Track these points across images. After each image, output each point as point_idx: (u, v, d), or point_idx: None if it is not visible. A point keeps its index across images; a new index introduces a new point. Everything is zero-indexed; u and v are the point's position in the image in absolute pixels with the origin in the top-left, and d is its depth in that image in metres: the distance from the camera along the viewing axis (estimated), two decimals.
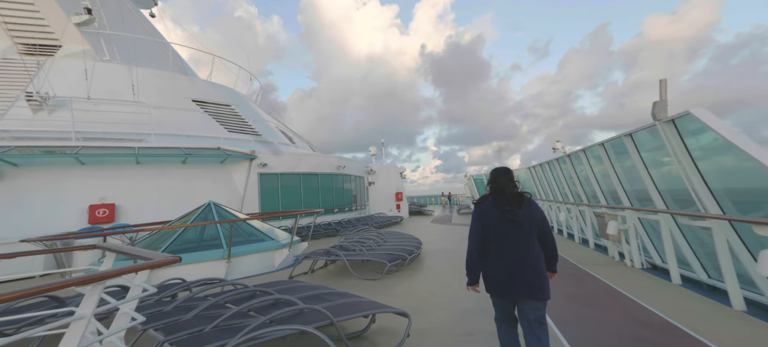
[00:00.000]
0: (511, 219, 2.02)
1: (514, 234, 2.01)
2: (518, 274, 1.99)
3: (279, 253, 5.65)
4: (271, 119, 15.85)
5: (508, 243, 2.02)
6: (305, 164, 12.19)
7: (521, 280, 1.98)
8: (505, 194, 2.09)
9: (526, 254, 2.00)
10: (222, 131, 10.80)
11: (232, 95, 12.60)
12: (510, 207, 2.04)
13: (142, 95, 8.86)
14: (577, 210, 8.00)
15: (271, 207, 10.68)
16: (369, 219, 13.96)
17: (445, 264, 6.22)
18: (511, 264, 2.01)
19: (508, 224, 2.03)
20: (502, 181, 2.12)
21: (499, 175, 2.16)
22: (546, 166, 9.74)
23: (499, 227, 2.05)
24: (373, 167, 18.54)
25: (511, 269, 2.01)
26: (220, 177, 9.51)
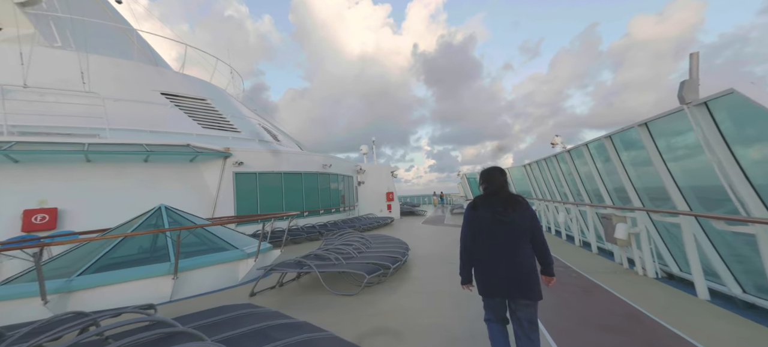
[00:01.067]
0: (501, 220, 2.02)
1: (505, 235, 2.02)
2: (510, 275, 1.99)
3: (244, 264, 4.89)
4: (254, 116, 14.97)
5: (499, 244, 2.02)
6: (287, 162, 11.38)
7: (513, 280, 1.99)
8: (500, 195, 2.08)
9: (518, 255, 2.00)
10: (195, 127, 9.93)
11: (208, 89, 11.71)
12: (501, 208, 2.03)
13: (98, 85, 7.96)
14: (578, 211, 7.40)
15: (249, 210, 9.85)
16: (357, 221, 13.22)
17: (434, 272, 5.53)
18: (503, 265, 2.01)
19: (499, 226, 2.03)
20: (499, 182, 2.12)
21: (494, 175, 2.14)
22: (543, 163, 9.14)
23: (491, 229, 2.05)
24: (362, 166, 17.80)
25: (503, 270, 2.01)
26: (190, 177, 8.66)
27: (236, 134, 11.34)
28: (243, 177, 9.76)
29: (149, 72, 9.73)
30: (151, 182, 7.77)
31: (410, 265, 6.14)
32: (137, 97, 8.96)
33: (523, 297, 1.99)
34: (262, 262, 5.26)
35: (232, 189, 9.41)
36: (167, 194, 8.01)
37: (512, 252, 2.00)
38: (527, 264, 2.00)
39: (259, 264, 5.03)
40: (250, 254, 4.96)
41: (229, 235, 5.42)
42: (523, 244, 2.02)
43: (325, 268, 4.56)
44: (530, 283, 1.98)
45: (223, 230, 5.50)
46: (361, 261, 5.08)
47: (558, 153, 7.68)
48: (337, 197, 14.24)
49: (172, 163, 8.34)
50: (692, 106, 2.98)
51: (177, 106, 9.98)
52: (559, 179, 8.33)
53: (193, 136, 9.51)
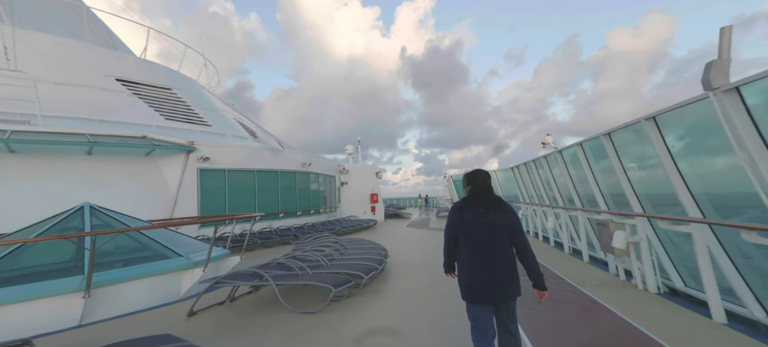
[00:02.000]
0: (483, 222, 2.00)
1: (486, 237, 2.00)
2: (494, 278, 1.98)
3: (189, 275, 4.10)
4: (230, 110, 14.02)
5: (481, 246, 2.01)
6: (261, 159, 10.53)
7: (497, 284, 1.97)
8: (485, 197, 2.07)
9: (499, 257, 1.99)
10: (156, 119, 8.98)
11: (174, 78, 10.73)
12: (483, 210, 2.02)
13: (33, 65, 6.95)
14: (567, 216, 6.97)
15: (216, 211, 8.96)
16: (337, 223, 12.49)
17: (414, 283, 4.90)
18: (487, 267, 1.99)
19: (481, 227, 2.01)
20: (484, 184, 2.11)
21: (479, 177, 2.13)
22: (532, 165, 8.71)
23: (473, 230, 2.03)
24: (346, 165, 17.06)
25: (487, 273, 1.99)
26: (145, 174, 7.73)
27: (206, 128, 10.41)
28: (209, 174, 8.86)
29: (103, 55, 8.72)
30: (96, 179, 6.81)
31: (388, 274, 5.49)
32: (85, 81, 7.95)
33: (504, 299, 1.99)
34: (214, 272, 4.49)
35: (196, 188, 8.51)
36: (115, 193, 7.08)
37: (492, 254, 1.99)
38: (507, 266, 1.99)
39: (209, 274, 4.26)
40: (199, 262, 4.18)
41: (176, 240, 4.60)
42: (504, 246, 2.01)
43: (285, 280, 3.85)
44: (511, 285, 1.99)
45: (170, 235, 4.67)
46: (330, 271, 4.39)
47: (548, 154, 7.24)
48: (318, 198, 13.46)
49: (124, 157, 7.39)
50: (720, 92, 2.48)
51: (135, 94, 9.00)
52: (549, 182, 7.90)
53: (152, 127, 8.56)
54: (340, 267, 4.64)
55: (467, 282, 2.06)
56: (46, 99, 7.00)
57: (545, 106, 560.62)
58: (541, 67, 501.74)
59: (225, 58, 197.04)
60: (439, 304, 3.98)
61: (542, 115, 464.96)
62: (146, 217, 7.49)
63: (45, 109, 6.85)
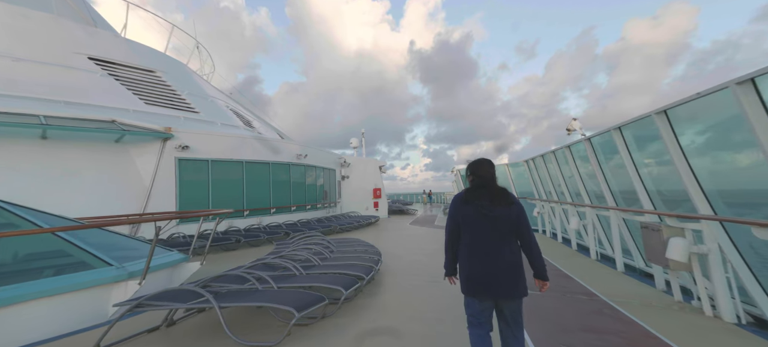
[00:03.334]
0: (486, 215, 1.90)
1: (490, 231, 1.89)
2: (497, 273, 1.86)
3: (121, 289, 3.23)
4: (224, 97, 13.21)
5: (485, 241, 1.89)
6: (250, 149, 9.69)
7: (501, 279, 1.86)
8: (489, 188, 1.95)
9: (503, 252, 1.87)
10: (134, 103, 8.20)
11: (159, 60, 9.93)
12: (487, 202, 1.91)
13: None
14: (595, 216, 5.90)
15: (198, 205, 8.16)
16: (335, 220, 11.60)
17: (411, 296, 3.95)
18: (490, 262, 1.87)
19: (484, 221, 1.90)
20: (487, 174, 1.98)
21: (482, 167, 2.01)
22: (551, 157, 7.60)
23: (475, 224, 1.92)
24: (347, 158, 16.15)
25: (489, 268, 1.87)
26: (115, 163, 6.95)
27: (192, 115, 9.61)
28: (189, 165, 8.05)
29: (73, 30, 7.93)
30: (53, 169, 6.04)
31: (380, 283, 4.56)
32: (51, 58, 7.19)
33: (508, 297, 1.88)
34: (163, 282, 3.62)
35: (175, 179, 7.70)
36: (78, 185, 6.32)
37: (497, 249, 1.88)
38: (512, 261, 1.88)
39: (150, 287, 3.38)
40: (135, 273, 3.32)
41: (115, 245, 3.73)
42: (509, 240, 1.90)
43: (236, 300, 2.94)
44: (516, 281, 1.87)
45: (109, 239, 3.79)
46: (301, 285, 3.48)
47: (573, 143, 6.15)
48: (315, 193, 12.60)
49: (89, 144, 6.61)
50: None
51: (111, 75, 8.22)
52: (572, 175, 6.82)
53: (129, 112, 7.77)
54: (316, 278, 3.72)
55: (468, 275, 1.95)
56: (2, 77, 6.25)
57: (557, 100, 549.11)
58: (554, 61, 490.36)
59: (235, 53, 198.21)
60: (443, 328, 3.04)
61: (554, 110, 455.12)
62: (115, 212, 6.74)
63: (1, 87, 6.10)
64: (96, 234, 3.64)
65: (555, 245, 7.25)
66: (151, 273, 3.46)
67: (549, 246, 6.96)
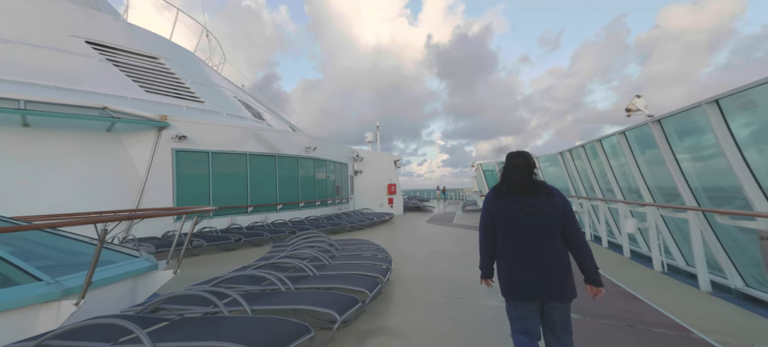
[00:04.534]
0: (527, 211, 1.72)
1: (532, 228, 1.72)
2: (540, 274, 1.69)
3: (52, 310, 2.49)
4: (233, 88, 12.71)
5: (524, 239, 1.73)
6: (254, 140, 9.05)
7: (547, 280, 1.69)
8: (526, 182, 1.77)
9: (548, 250, 1.70)
10: (133, 90, 7.72)
11: (163, 46, 9.47)
12: (527, 197, 1.74)
13: None
14: (659, 217, 4.72)
15: (197, 200, 7.61)
16: (345, 218, 10.84)
17: (423, 323, 3.05)
18: (533, 261, 1.71)
19: (525, 217, 1.73)
20: (526, 167, 1.79)
21: (520, 159, 1.83)
22: (596, 147, 6.40)
23: (515, 221, 1.76)
24: (360, 152, 15.35)
25: (533, 267, 1.71)
26: (107, 154, 6.46)
27: (196, 105, 9.09)
28: (188, 157, 7.48)
29: (72, 12, 7.51)
30: (39, 159, 5.58)
31: (388, 298, 3.69)
32: (44, 41, 6.77)
33: (556, 298, 1.70)
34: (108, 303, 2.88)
35: (172, 172, 7.16)
36: (64, 176, 5.85)
37: (540, 247, 1.70)
38: (559, 261, 1.69)
39: (93, 309, 2.67)
40: (72, 289, 2.61)
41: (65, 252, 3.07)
42: (554, 238, 1.71)
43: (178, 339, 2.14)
44: (563, 282, 1.68)
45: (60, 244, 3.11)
46: (278, 307, 2.66)
47: (631, 128, 4.97)
48: (325, 188, 11.89)
49: (78, 132, 6.14)
50: None
51: (110, 60, 7.77)
52: (626, 169, 5.62)
53: (127, 100, 7.29)
54: (304, 298, 2.89)
55: (509, 277, 1.78)
56: None
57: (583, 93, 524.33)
58: (581, 52, 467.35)
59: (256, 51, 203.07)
60: None
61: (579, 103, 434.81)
62: (106, 207, 6.25)
63: None
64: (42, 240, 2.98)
65: (600, 250, 6.09)
66: (101, 287, 2.75)
67: (594, 252, 5.83)
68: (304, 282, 3.37)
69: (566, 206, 1.73)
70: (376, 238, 8.28)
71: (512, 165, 1.82)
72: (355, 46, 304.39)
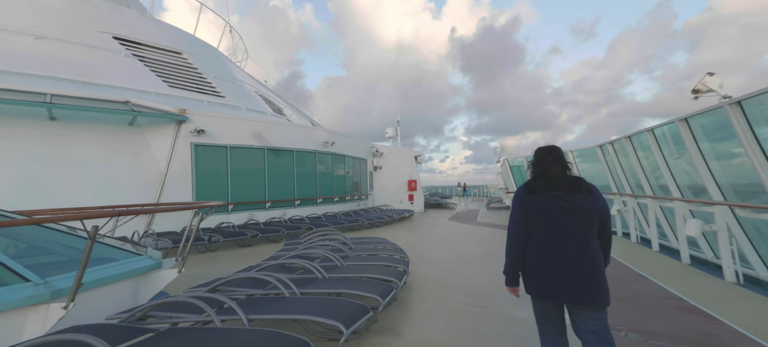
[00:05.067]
0: (565, 207, 1.62)
1: (569, 225, 1.61)
2: (575, 274, 1.58)
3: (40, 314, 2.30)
4: (255, 83, 12.77)
5: (561, 236, 1.62)
6: (272, 134, 8.94)
7: (579, 281, 1.58)
8: (549, 176, 1.71)
9: (587, 250, 1.59)
10: (157, 85, 7.83)
11: (187, 41, 9.60)
12: (563, 193, 1.65)
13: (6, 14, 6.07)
14: (732, 217, 3.95)
15: (215, 196, 7.59)
16: (363, 214, 10.55)
17: (441, 337, 2.64)
18: (566, 260, 1.60)
19: (560, 213, 1.63)
20: (547, 162, 1.74)
21: (543, 155, 1.78)
22: (648, 138, 5.59)
23: (550, 216, 1.65)
24: (380, 147, 15.00)
25: (565, 267, 1.60)
26: (129, 147, 6.55)
27: (218, 99, 9.13)
28: (206, 151, 7.47)
29: (99, 8, 7.72)
30: (60, 151, 5.71)
31: (403, 305, 3.30)
32: (75, 37, 6.97)
33: (589, 302, 1.58)
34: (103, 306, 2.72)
35: (191, 166, 7.17)
36: (88, 170, 5.97)
37: (577, 246, 1.59)
38: (594, 262, 1.58)
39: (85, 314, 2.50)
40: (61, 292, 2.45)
41: (62, 248, 2.96)
42: (592, 237, 1.61)
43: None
44: (598, 285, 1.56)
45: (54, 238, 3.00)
46: (279, 317, 2.35)
47: (696, 113, 4.19)
48: (343, 184, 11.66)
49: (101, 126, 6.25)
50: None
51: (136, 56, 7.93)
52: (686, 163, 4.83)
53: (150, 94, 7.38)
54: (308, 305, 2.57)
55: (538, 276, 1.68)
56: (22, 55, 6.07)
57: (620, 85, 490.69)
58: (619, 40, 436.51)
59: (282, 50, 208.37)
60: None
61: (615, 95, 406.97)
62: (127, 200, 6.34)
63: (19, 66, 5.90)
64: (40, 236, 2.88)
65: (650, 254, 5.32)
66: (95, 289, 2.58)
67: (641, 256, 5.09)
68: (312, 286, 3.05)
69: (606, 205, 1.66)
70: (394, 236, 7.91)
71: (547, 159, 1.74)
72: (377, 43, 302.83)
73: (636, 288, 3.81)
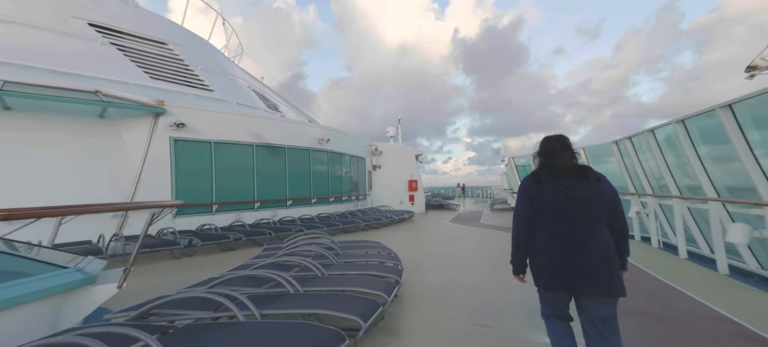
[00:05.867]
0: (572, 196, 1.59)
1: (577, 214, 1.58)
2: (584, 263, 1.55)
3: None
4: (249, 79, 12.24)
5: (569, 225, 1.59)
6: (262, 130, 8.39)
7: (589, 271, 1.54)
8: (557, 165, 1.68)
9: (595, 239, 1.55)
10: (137, 76, 7.31)
11: (173, 32, 9.08)
12: (571, 182, 1.62)
13: None
14: None
15: (199, 197, 7.05)
16: (360, 216, 9.96)
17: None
18: (575, 250, 1.57)
19: (567, 202, 1.60)
20: (554, 150, 1.71)
21: (550, 143, 1.74)
22: (677, 130, 4.94)
23: (557, 205, 1.62)
24: (379, 145, 14.41)
25: (574, 256, 1.56)
26: (100, 142, 6.01)
27: (206, 93, 8.60)
28: (188, 147, 6.92)
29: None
30: (14, 145, 5.16)
31: (393, 325, 2.69)
32: (45, 22, 6.46)
33: (601, 293, 1.53)
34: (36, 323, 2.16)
35: (170, 164, 6.61)
36: (51, 166, 5.43)
37: (586, 235, 1.56)
38: (607, 251, 1.55)
39: None
40: None
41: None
42: (601, 226, 1.58)
43: None
44: (611, 275, 1.53)
45: None
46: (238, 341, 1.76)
47: (744, 98, 3.55)
48: (339, 184, 11.08)
49: (68, 117, 5.71)
50: None
51: (114, 44, 7.41)
52: (726, 159, 4.19)
53: (128, 86, 6.85)
54: (263, 333, 1.97)
55: (546, 267, 1.64)
56: None
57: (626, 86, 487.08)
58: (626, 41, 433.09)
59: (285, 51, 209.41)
60: None
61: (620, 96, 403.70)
62: (98, 199, 5.80)
63: None
64: None
65: (677, 262, 4.66)
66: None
67: (668, 264, 4.44)
68: (278, 304, 2.46)
69: (615, 193, 1.63)
70: (390, 239, 7.31)
71: (555, 148, 1.70)
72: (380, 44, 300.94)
73: (673, 305, 3.18)
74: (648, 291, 3.57)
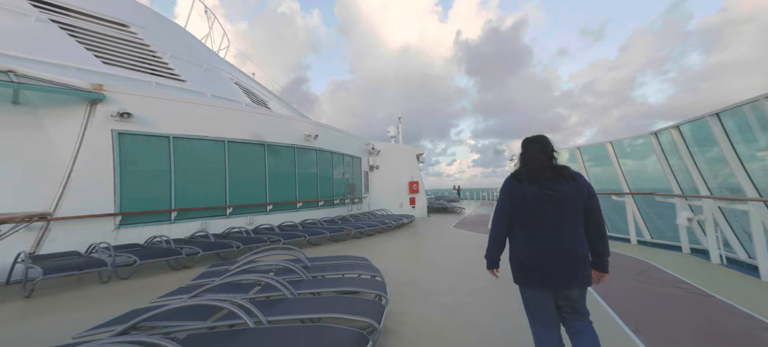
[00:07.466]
0: (550, 195, 1.65)
1: (556, 213, 1.64)
2: (561, 259, 1.61)
3: None
4: (233, 71, 11.06)
5: (547, 224, 1.65)
6: (236, 124, 7.21)
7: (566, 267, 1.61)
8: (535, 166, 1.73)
9: (572, 237, 1.63)
10: (87, 60, 6.17)
11: (138, 14, 7.96)
12: (549, 181, 1.67)
13: None
14: None
15: (154, 204, 5.86)
16: (351, 222, 8.72)
17: None
18: (553, 248, 1.63)
19: (547, 202, 1.65)
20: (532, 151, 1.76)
21: (528, 144, 1.80)
22: (710, 126, 3.66)
23: (536, 205, 1.67)
24: (376, 145, 13.20)
25: (550, 253, 1.63)
26: (13, 134, 4.82)
27: (176, 83, 7.45)
28: (138, 142, 5.73)
29: None
30: None
31: None
32: None
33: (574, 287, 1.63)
34: None
35: (113, 163, 5.42)
36: None
37: (564, 233, 1.63)
38: (581, 248, 1.64)
39: None
40: None
41: None
42: (578, 224, 1.66)
43: None
44: (584, 271, 1.63)
45: None
46: None
47: None
48: (330, 186, 9.87)
49: None
50: None
51: (56, 22, 6.28)
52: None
53: (70, 70, 5.71)
54: None
55: (526, 265, 1.70)
56: None
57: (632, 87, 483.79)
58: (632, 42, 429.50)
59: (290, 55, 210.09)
60: None
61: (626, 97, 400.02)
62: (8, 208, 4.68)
63: None
64: None
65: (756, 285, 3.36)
66: None
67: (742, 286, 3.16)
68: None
69: (591, 191, 1.68)
70: (384, 250, 6.07)
71: (532, 149, 1.76)
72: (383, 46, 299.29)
73: None
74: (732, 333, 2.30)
